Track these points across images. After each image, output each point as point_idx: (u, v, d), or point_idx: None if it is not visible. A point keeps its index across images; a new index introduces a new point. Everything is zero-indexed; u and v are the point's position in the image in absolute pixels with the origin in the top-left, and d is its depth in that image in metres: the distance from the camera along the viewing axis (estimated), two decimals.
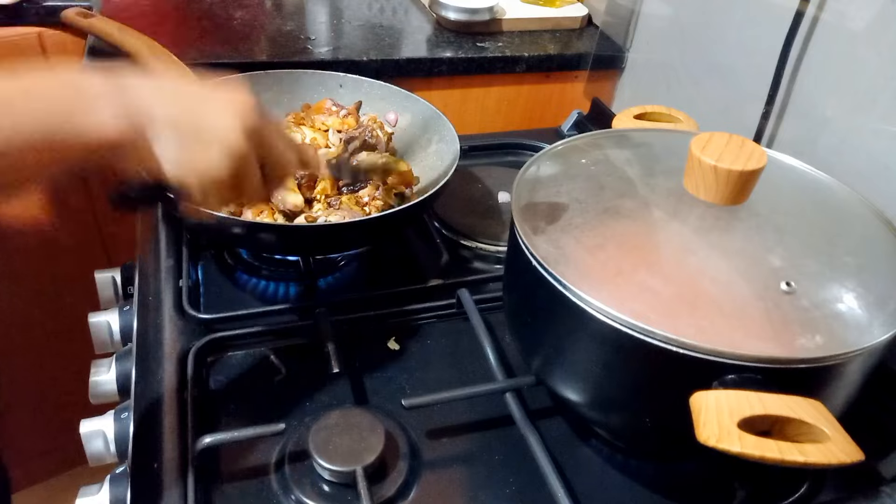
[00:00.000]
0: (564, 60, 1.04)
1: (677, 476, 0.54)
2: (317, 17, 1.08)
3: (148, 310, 0.63)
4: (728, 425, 0.38)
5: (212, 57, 0.90)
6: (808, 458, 0.37)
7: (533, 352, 0.53)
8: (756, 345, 0.41)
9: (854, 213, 0.53)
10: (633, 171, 0.56)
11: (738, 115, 0.82)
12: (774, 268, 0.46)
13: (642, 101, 0.76)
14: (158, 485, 0.49)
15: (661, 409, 0.46)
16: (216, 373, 0.58)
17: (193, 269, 0.69)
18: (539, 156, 0.58)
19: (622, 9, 1.03)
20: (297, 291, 0.67)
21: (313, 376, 0.59)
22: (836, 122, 0.70)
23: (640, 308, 0.43)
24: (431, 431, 0.55)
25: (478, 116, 1.06)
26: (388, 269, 0.72)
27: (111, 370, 0.66)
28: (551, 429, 0.56)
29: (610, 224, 0.50)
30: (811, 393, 0.40)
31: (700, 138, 0.51)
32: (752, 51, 0.79)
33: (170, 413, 0.54)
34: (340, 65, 0.94)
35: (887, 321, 0.43)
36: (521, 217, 0.50)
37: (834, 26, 0.69)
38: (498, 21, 1.07)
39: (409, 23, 1.08)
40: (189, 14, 1.03)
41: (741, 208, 0.50)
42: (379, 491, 0.49)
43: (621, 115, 0.69)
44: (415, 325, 0.65)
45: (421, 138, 0.78)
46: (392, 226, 0.65)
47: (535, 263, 0.47)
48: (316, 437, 0.50)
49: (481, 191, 0.83)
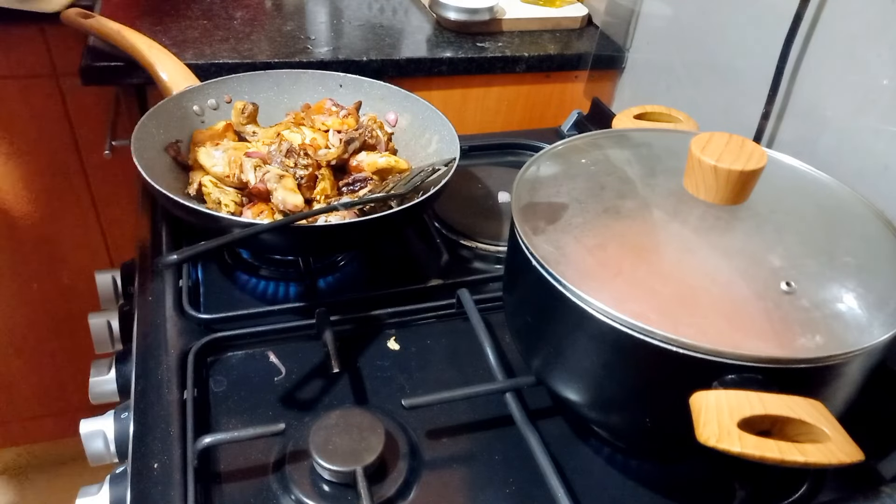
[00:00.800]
0: (564, 60, 1.04)
1: (677, 476, 0.54)
2: (317, 17, 1.08)
3: (148, 310, 0.63)
4: (728, 425, 0.38)
5: (212, 57, 0.91)
6: (808, 458, 0.37)
7: (533, 352, 0.53)
8: (756, 345, 0.41)
9: (854, 213, 0.53)
10: (633, 171, 0.56)
11: (738, 115, 0.82)
12: (774, 268, 0.46)
13: (642, 101, 0.76)
14: (158, 485, 0.49)
15: (661, 409, 0.46)
16: (216, 373, 0.58)
17: (193, 269, 0.69)
18: (539, 156, 0.58)
19: (622, 9, 1.03)
20: (297, 291, 0.67)
21: (313, 376, 0.59)
22: (836, 122, 0.70)
23: (640, 308, 0.43)
24: (431, 431, 0.55)
25: (478, 116, 1.06)
26: (388, 269, 0.72)
27: (111, 370, 0.66)
28: (551, 429, 0.56)
29: (610, 224, 0.50)
30: (811, 393, 0.40)
31: (700, 138, 0.51)
32: (752, 51, 0.79)
33: (170, 413, 0.54)
34: (340, 65, 0.94)
35: (887, 321, 0.43)
36: (521, 217, 0.50)
37: (834, 26, 0.69)
38: (498, 21, 1.07)
39: (409, 23, 1.08)
40: (189, 14, 1.03)
41: (741, 208, 0.50)
42: (379, 491, 0.49)
43: (621, 115, 0.69)
44: (415, 325, 0.65)
45: (421, 138, 0.78)
46: (392, 226, 0.65)
47: (535, 263, 0.47)
48: (316, 437, 0.50)
49: (481, 191, 0.83)
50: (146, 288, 0.66)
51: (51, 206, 1.22)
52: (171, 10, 1.03)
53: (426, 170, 0.69)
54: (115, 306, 0.76)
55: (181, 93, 0.75)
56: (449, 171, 0.68)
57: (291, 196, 0.65)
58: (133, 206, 0.79)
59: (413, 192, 0.66)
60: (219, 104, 0.78)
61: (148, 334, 0.61)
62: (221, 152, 0.68)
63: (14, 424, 1.46)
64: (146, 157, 0.67)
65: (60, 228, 1.25)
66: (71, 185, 1.20)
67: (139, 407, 0.54)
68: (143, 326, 0.62)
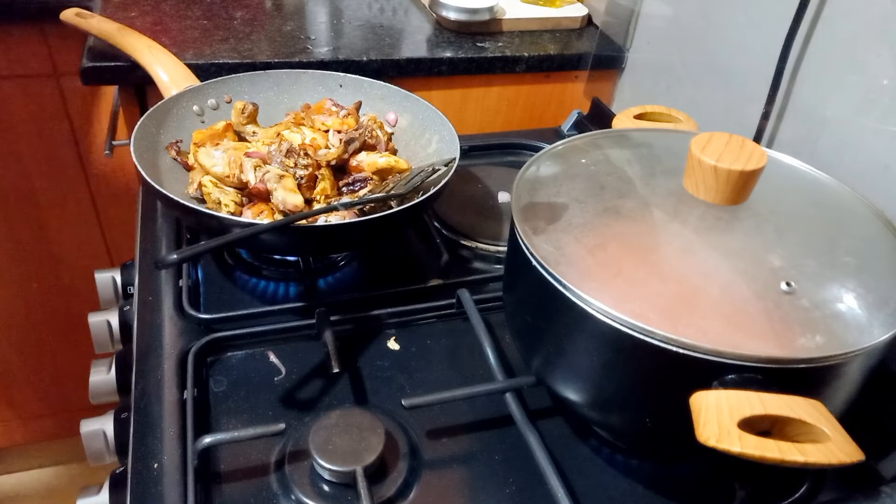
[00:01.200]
0: (564, 60, 1.04)
1: (677, 476, 0.54)
2: (317, 17, 1.08)
3: (148, 310, 0.63)
4: (728, 425, 0.38)
5: (212, 57, 0.91)
6: (808, 458, 0.37)
7: (533, 352, 0.53)
8: (756, 345, 0.41)
9: (854, 213, 0.53)
10: (633, 171, 0.56)
11: (738, 115, 0.82)
12: (774, 268, 0.46)
13: (642, 101, 0.76)
14: (158, 485, 0.49)
15: (661, 409, 0.46)
16: (216, 373, 0.58)
17: (193, 269, 0.69)
18: (539, 156, 0.58)
19: (622, 9, 1.03)
20: (297, 291, 0.67)
21: (313, 376, 0.59)
22: (836, 122, 0.70)
23: (640, 308, 0.43)
24: (431, 431, 0.55)
25: (478, 116, 1.06)
26: (388, 268, 0.72)
27: (111, 370, 0.66)
28: (551, 429, 0.56)
29: (610, 224, 0.50)
30: (811, 393, 0.40)
31: (700, 138, 0.51)
32: (752, 51, 0.79)
33: (170, 413, 0.54)
34: (340, 65, 0.94)
35: (887, 321, 0.43)
36: (521, 217, 0.50)
37: (834, 26, 0.69)
38: (498, 21, 1.07)
39: (409, 23, 1.08)
40: (189, 14, 1.03)
41: (741, 208, 0.50)
42: (379, 491, 0.49)
43: (621, 115, 0.69)
44: (415, 325, 0.65)
45: (421, 138, 0.78)
46: (392, 226, 0.65)
47: (535, 263, 0.47)
48: (316, 437, 0.50)
49: (481, 191, 0.83)
50: (146, 288, 0.66)
51: (51, 206, 1.22)
52: (171, 10, 1.03)
53: (426, 170, 0.69)
54: (115, 306, 0.76)
55: (181, 93, 0.75)
56: (449, 171, 0.68)
57: (291, 196, 0.65)
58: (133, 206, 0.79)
59: (413, 193, 0.66)
60: (219, 104, 0.78)
61: (148, 334, 0.61)
62: (221, 152, 0.68)
63: (14, 424, 1.46)
64: (146, 157, 0.67)
65: (60, 228, 1.25)
66: (71, 185, 1.20)
67: (139, 407, 0.54)
68: (142, 326, 0.62)
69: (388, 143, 0.76)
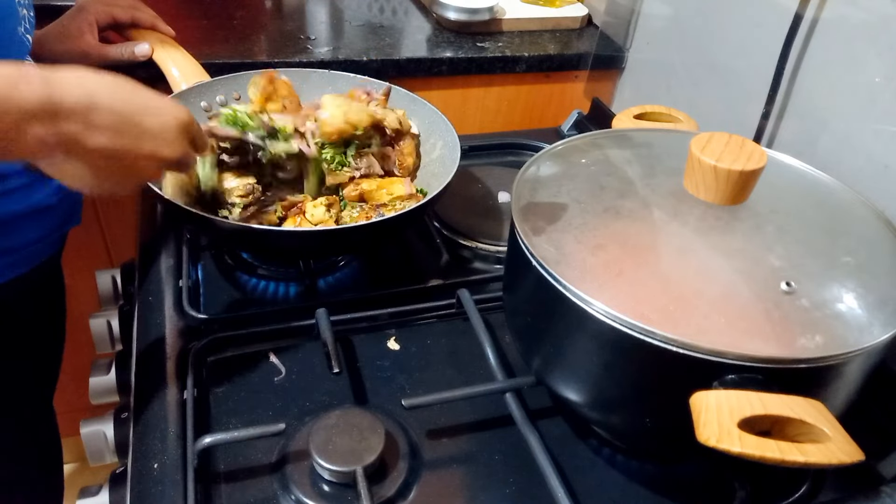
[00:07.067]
0: (564, 60, 1.04)
1: (677, 476, 0.54)
2: (317, 17, 1.08)
3: (148, 310, 0.63)
4: (728, 425, 0.38)
5: (212, 57, 0.90)
6: (809, 458, 0.37)
7: (533, 352, 0.53)
8: (756, 345, 0.41)
9: (854, 213, 0.53)
10: (633, 171, 0.56)
11: (738, 115, 0.82)
12: (774, 268, 0.46)
13: (642, 101, 0.76)
14: (158, 485, 0.49)
15: (662, 409, 0.46)
16: (216, 373, 0.58)
17: (193, 269, 0.69)
18: (539, 156, 0.58)
19: (622, 9, 1.03)
20: (297, 291, 0.67)
21: (313, 376, 0.59)
22: (836, 122, 0.70)
23: (640, 308, 0.43)
24: (431, 431, 0.55)
25: (478, 116, 1.06)
26: (388, 268, 0.72)
27: (111, 370, 0.66)
28: (551, 429, 0.56)
29: (610, 224, 0.50)
30: (811, 393, 0.40)
31: (700, 138, 0.51)
32: (752, 51, 0.79)
33: (170, 413, 0.54)
34: (340, 65, 0.93)
35: (887, 321, 0.43)
36: (521, 217, 0.50)
37: (834, 26, 0.69)
38: (498, 21, 1.07)
39: (409, 23, 1.08)
40: (189, 14, 1.03)
41: (741, 208, 0.50)
42: (379, 491, 0.49)
43: (621, 115, 0.69)
44: (415, 325, 0.65)
45: (426, 143, 0.77)
46: (393, 229, 0.65)
47: (535, 263, 0.47)
48: (316, 437, 0.50)
49: (481, 191, 0.83)
50: (146, 288, 0.66)
51: None
52: (171, 10, 1.03)
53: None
54: (115, 306, 0.76)
55: (189, 88, 0.75)
56: (449, 175, 0.68)
57: (320, 210, 0.65)
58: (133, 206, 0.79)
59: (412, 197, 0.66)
60: (227, 101, 0.78)
61: (148, 334, 0.61)
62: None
63: None
64: None
65: None
66: None
67: (139, 407, 0.54)
68: (142, 326, 0.62)
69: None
